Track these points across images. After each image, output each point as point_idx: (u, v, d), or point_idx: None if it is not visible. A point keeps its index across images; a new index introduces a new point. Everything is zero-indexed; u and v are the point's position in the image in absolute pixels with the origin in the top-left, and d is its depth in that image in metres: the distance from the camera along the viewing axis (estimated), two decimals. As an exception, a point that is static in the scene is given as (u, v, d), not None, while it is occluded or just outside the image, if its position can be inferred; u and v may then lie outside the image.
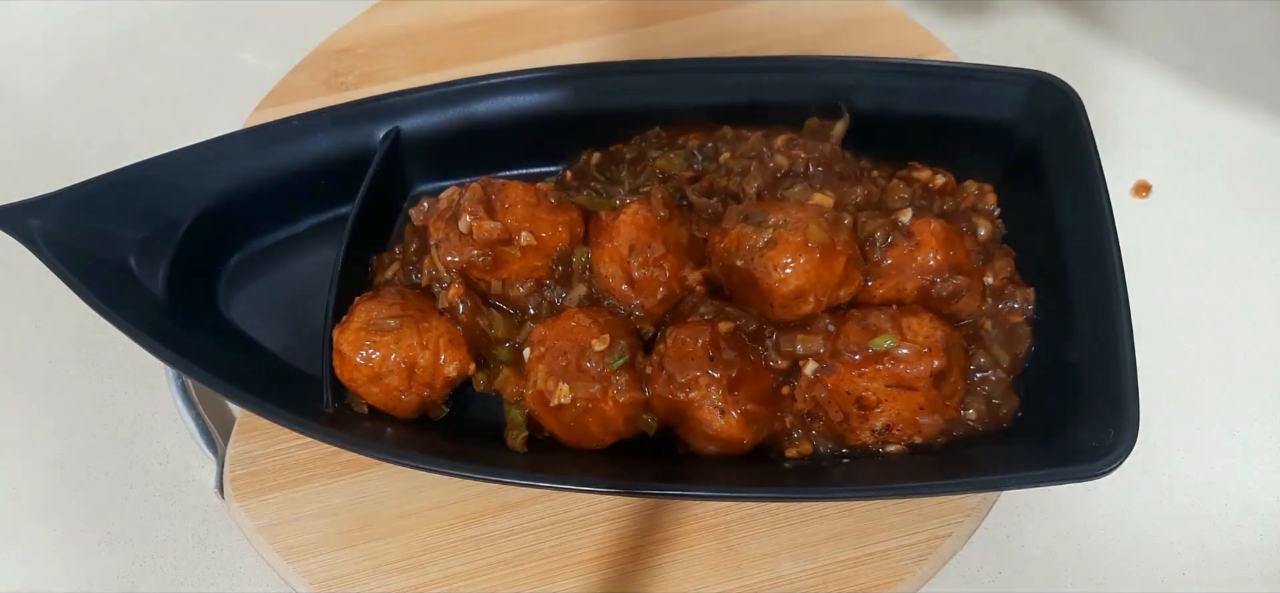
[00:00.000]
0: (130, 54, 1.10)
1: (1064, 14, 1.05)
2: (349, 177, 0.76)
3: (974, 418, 0.66)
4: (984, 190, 0.73)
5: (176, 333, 0.71)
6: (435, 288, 0.71)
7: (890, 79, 0.75)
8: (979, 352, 0.67)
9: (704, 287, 0.69)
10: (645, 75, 0.78)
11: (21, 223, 0.71)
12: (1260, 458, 0.76)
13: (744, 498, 0.67)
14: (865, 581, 0.65)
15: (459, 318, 0.69)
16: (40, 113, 1.05)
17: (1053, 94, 0.71)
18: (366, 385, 0.68)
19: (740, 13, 0.97)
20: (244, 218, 0.79)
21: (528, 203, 0.70)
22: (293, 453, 0.73)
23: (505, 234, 0.69)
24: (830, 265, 0.63)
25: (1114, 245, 0.63)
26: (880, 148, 0.76)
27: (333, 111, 0.78)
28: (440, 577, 0.67)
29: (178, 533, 0.77)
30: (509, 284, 0.71)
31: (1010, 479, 0.61)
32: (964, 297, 0.67)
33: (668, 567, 0.67)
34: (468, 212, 0.69)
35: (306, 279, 0.78)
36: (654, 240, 0.67)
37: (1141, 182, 0.91)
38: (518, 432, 0.68)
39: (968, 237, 0.69)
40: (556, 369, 0.64)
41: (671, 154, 0.76)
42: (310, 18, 1.06)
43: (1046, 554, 0.73)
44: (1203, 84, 0.98)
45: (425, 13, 1.00)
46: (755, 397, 0.64)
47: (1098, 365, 0.61)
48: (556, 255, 0.71)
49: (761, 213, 0.65)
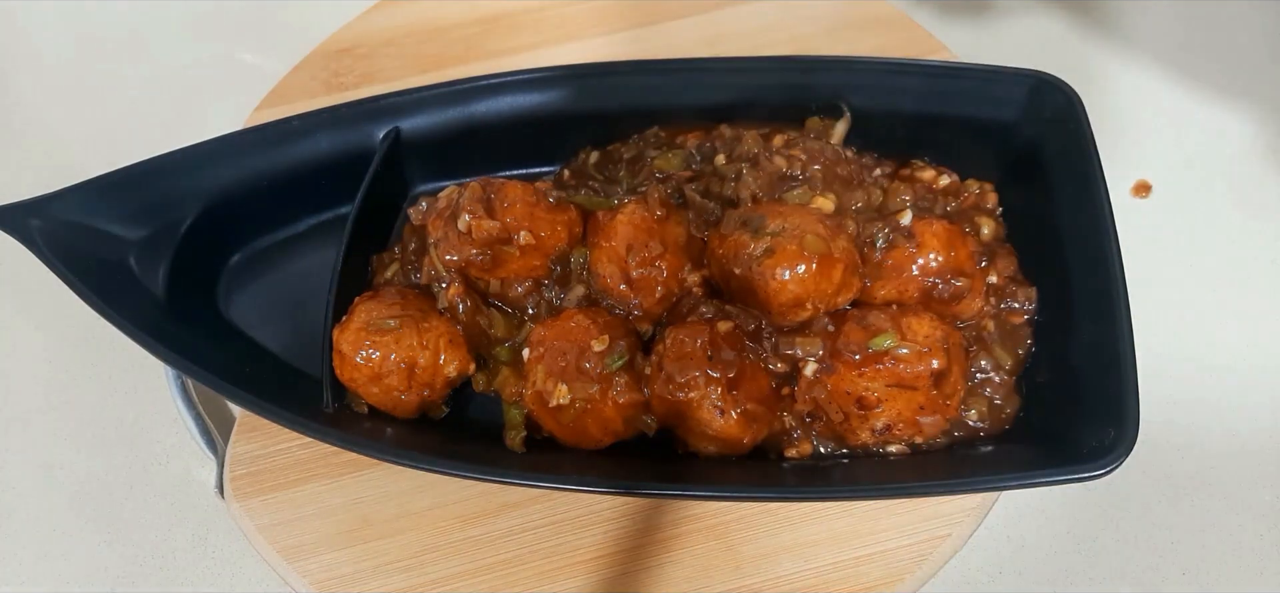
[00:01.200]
0: (130, 54, 1.10)
1: (1064, 14, 1.05)
2: (349, 177, 0.76)
3: (976, 419, 0.66)
4: (985, 190, 0.73)
5: (176, 333, 0.71)
6: (435, 287, 0.71)
7: (890, 79, 0.75)
8: (981, 353, 0.67)
9: (703, 288, 0.69)
10: (645, 75, 0.78)
11: (21, 223, 0.70)
12: (1260, 458, 0.76)
13: (744, 498, 0.67)
14: (865, 581, 0.65)
15: (459, 317, 0.69)
16: (40, 113, 1.05)
17: (1053, 94, 0.71)
18: (366, 385, 0.68)
19: (740, 13, 0.97)
20: (244, 218, 0.79)
21: (527, 202, 0.70)
22: (293, 453, 0.73)
23: (504, 233, 0.69)
24: (827, 274, 0.63)
25: (1114, 245, 0.63)
26: (880, 148, 0.76)
27: (333, 111, 0.78)
28: (440, 577, 0.67)
29: (178, 533, 0.77)
30: (508, 284, 0.71)
31: (1010, 479, 0.61)
32: (966, 298, 0.67)
33: (668, 567, 0.67)
34: (467, 211, 0.69)
35: (306, 279, 0.78)
36: (651, 240, 0.67)
37: (1141, 182, 0.91)
38: (516, 432, 0.68)
39: (970, 237, 0.69)
40: (555, 370, 0.64)
41: (670, 154, 0.76)
42: (310, 18, 1.06)
43: (1046, 554, 0.73)
44: (1203, 84, 0.98)
45: (425, 13, 1.00)
46: (755, 397, 0.64)
47: (1098, 365, 0.61)
48: (555, 255, 0.71)
49: (759, 218, 0.65)
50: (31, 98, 1.07)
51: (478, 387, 0.71)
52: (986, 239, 0.70)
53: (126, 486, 0.79)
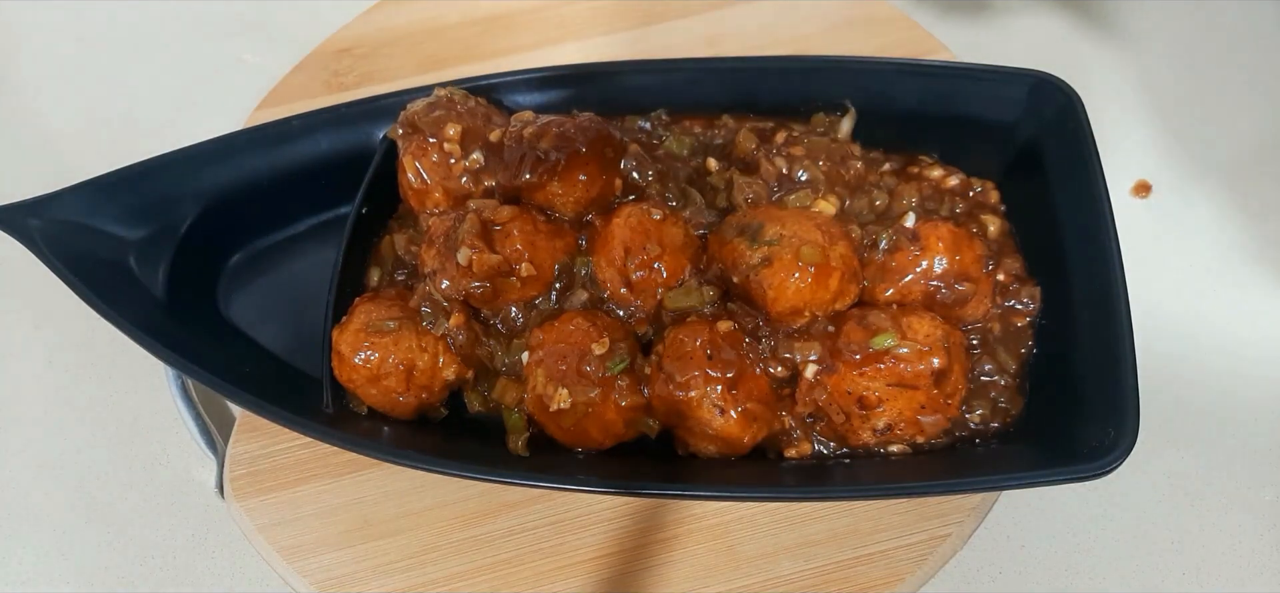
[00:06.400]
0: (130, 54, 1.10)
1: (1064, 14, 1.05)
2: (349, 177, 0.76)
3: (979, 420, 0.66)
4: (986, 188, 0.73)
5: (176, 333, 0.71)
6: (424, 307, 0.69)
7: (890, 79, 0.75)
8: (985, 356, 0.67)
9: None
10: (645, 75, 0.78)
11: (21, 223, 0.71)
12: (1260, 457, 0.76)
13: (744, 498, 0.67)
14: (865, 581, 0.65)
15: (459, 347, 0.68)
16: (40, 113, 1.05)
17: (1053, 94, 0.71)
18: (365, 387, 0.68)
19: (740, 13, 0.97)
20: (244, 218, 0.79)
21: (526, 231, 0.68)
22: (293, 453, 0.73)
23: (505, 266, 0.66)
24: (824, 283, 0.63)
25: (1114, 246, 0.63)
26: (879, 148, 0.76)
27: (333, 111, 0.78)
28: (440, 577, 0.67)
29: (178, 533, 0.77)
30: (505, 306, 0.69)
31: (1010, 479, 0.61)
32: (972, 302, 0.67)
33: (668, 567, 0.67)
34: (467, 245, 0.66)
35: (306, 279, 0.78)
36: (649, 242, 0.67)
37: (1141, 182, 0.91)
38: (518, 435, 0.67)
39: (978, 239, 0.69)
40: (556, 374, 0.64)
41: (681, 137, 0.75)
42: (310, 18, 1.06)
43: (1046, 554, 0.73)
44: (1203, 84, 0.98)
45: (425, 13, 1.00)
46: (755, 396, 0.63)
47: (1098, 365, 0.61)
48: (558, 270, 0.70)
49: (757, 226, 0.65)
50: (31, 98, 1.07)
51: (473, 407, 0.70)
52: (993, 235, 0.70)
53: (126, 486, 0.79)
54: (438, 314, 0.68)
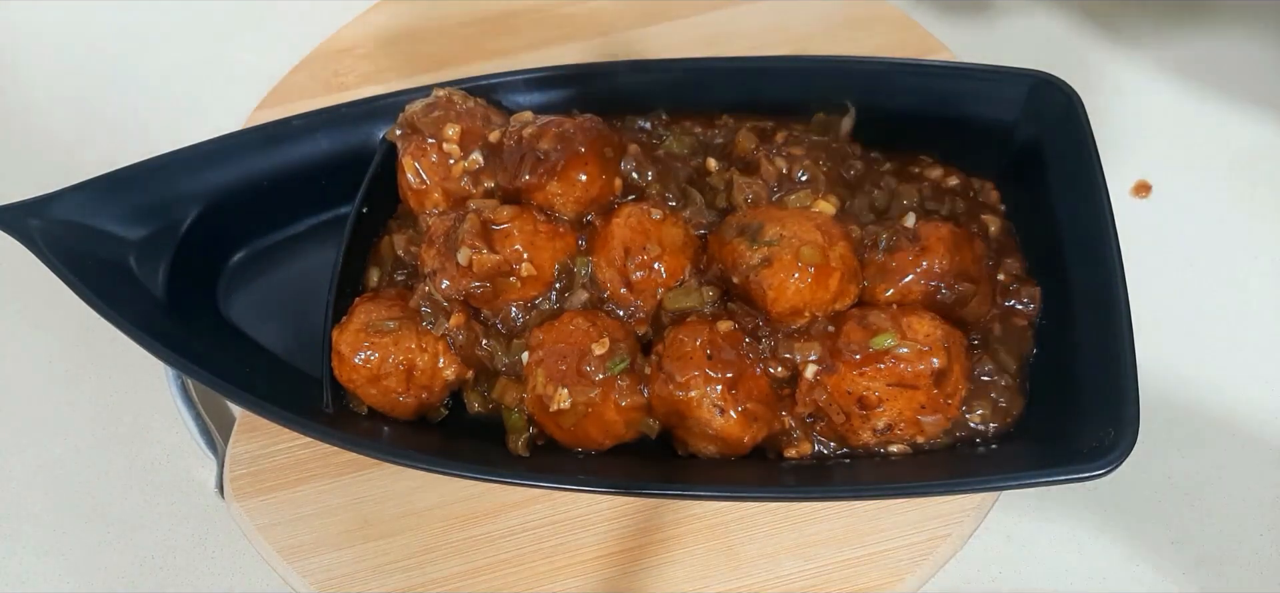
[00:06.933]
0: (130, 54, 1.10)
1: (1064, 14, 1.05)
2: (349, 177, 0.76)
3: (979, 420, 0.66)
4: (986, 188, 0.73)
5: (176, 333, 0.71)
6: (424, 307, 0.69)
7: (890, 79, 0.75)
8: (986, 357, 0.67)
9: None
10: (645, 75, 0.78)
11: (21, 223, 0.70)
12: (1260, 457, 0.76)
13: (744, 498, 0.67)
14: (865, 581, 0.65)
15: (459, 347, 0.68)
16: (40, 113, 1.05)
17: (1053, 94, 0.71)
18: (365, 387, 0.68)
19: (740, 13, 0.97)
20: (244, 218, 0.79)
21: (526, 231, 0.68)
22: (293, 453, 0.73)
23: (505, 266, 0.67)
24: (824, 284, 0.63)
25: (1114, 245, 0.63)
26: (879, 148, 0.76)
27: (333, 111, 0.78)
28: (440, 577, 0.67)
29: (178, 533, 0.77)
30: (505, 306, 0.70)
31: (1010, 479, 0.61)
32: (972, 302, 0.67)
33: (668, 567, 0.67)
34: (467, 244, 0.66)
35: (306, 279, 0.78)
36: (649, 242, 0.67)
37: (1141, 182, 0.91)
38: (519, 435, 0.67)
39: (978, 239, 0.69)
40: (556, 374, 0.64)
41: (682, 136, 0.75)
42: (310, 18, 1.06)
43: (1046, 554, 0.73)
44: (1203, 84, 0.98)
45: (425, 13, 1.00)
46: (755, 396, 0.64)
47: (1098, 365, 0.61)
48: (558, 270, 0.70)
49: (756, 226, 0.65)
50: (31, 98, 1.07)
51: (473, 407, 0.70)
52: (994, 234, 0.70)
53: (126, 486, 0.79)
54: (438, 314, 0.68)
